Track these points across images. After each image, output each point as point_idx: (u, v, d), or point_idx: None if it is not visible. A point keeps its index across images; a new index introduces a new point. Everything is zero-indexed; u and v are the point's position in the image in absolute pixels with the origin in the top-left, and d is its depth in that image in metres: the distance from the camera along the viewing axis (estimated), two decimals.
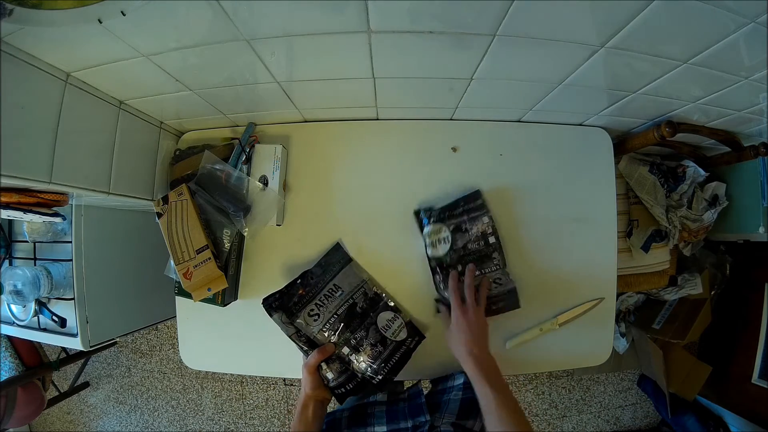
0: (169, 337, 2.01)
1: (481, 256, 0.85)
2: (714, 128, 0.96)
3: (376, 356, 0.76)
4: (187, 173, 0.89)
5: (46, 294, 0.99)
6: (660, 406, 1.79)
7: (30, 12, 0.47)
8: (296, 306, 0.76)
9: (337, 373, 0.74)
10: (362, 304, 0.79)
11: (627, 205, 1.21)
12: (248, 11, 0.54)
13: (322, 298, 0.77)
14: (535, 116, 0.91)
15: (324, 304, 0.76)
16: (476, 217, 0.85)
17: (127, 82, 0.72)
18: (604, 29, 0.58)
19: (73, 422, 2.12)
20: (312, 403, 0.72)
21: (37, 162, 0.62)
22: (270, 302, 0.77)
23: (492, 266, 0.85)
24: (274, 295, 0.77)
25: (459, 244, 0.85)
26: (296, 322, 0.75)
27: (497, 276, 0.85)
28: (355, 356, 0.75)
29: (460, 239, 0.85)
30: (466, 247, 0.85)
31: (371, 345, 0.76)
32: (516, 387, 1.91)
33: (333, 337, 0.75)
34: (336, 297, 0.77)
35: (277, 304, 0.76)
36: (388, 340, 0.77)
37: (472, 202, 0.86)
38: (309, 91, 0.80)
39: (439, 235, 0.85)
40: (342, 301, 0.77)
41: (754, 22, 0.54)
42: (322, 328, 0.75)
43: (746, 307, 1.53)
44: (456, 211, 0.86)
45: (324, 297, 0.77)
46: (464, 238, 0.85)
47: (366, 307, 0.79)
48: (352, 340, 0.76)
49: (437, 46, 0.63)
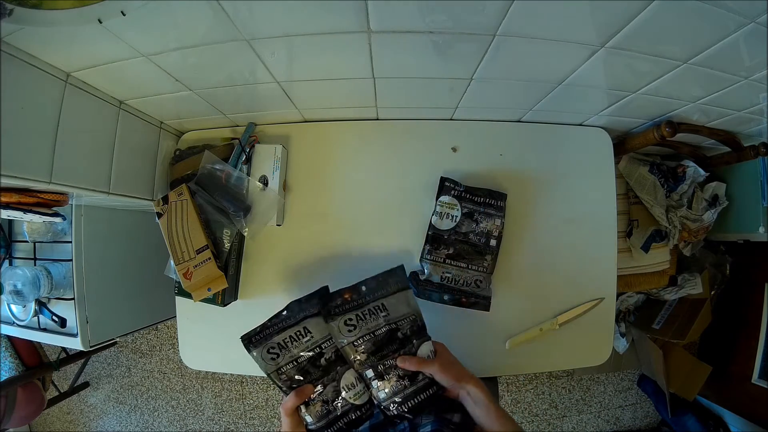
0: (169, 337, 2.01)
1: (474, 252, 0.85)
2: (714, 128, 0.96)
3: (400, 390, 0.68)
4: (187, 173, 0.89)
5: (46, 294, 0.99)
6: (660, 406, 1.79)
7: (30, 12, 0.47)
8: (336, 309, 0.69)
9: (317, 417, 0.67)
10: (406, 331, 0.70)
11: (627, 205, 1.21)
12: (248, 11, 0.54)
13: (366, 312, 0.69)
14: (535, 116, 0.91)
15: (365, 319, 0.69)
16: (491, 215, 0.85)
17: (127, 82, 0.72)
18: (604, 29, 0.58)
19: (73, 422, 2.12)
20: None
21: (37, 162, 0.62)
22: (250, 337, 0.68)
23: (480, 266, 0.85)
24: (255, 330, 0.69)
25: (463, 229, 0.85)
26: (330, 323, 0.68)
27: (480, 278, 0.85)
28: (378, 383, 0.69)
29: (466, 225, 0.85)
30: (467, 235, 0.85)
31: (398, 377, 0.68)
32: (516, 387, 1.91)
33: (360, 355, 0.68)
34: (380, 317, 0.69)
35: (257, 338, 0.68)
36: (420, 376, 0.69)
37: (496, 200, 0.86)
38: (309, 91, 0.80)
39: (451, 210, 0.85)
40: (384, 323, 0.69)
41: (754, 22, 0.54)
42: (354, 341, 0.68)
43: (746, 307, 1.53)
44: (477, 198, 0.86)
45: (369, 312, 0.69)
46: (470, 227, 0.85)
47: (410, 335, 0.70)
48: (379, 366, 0.69)
49: (437, 46, 0.63)
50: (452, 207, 0.85)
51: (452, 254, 0.84)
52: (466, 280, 0.84)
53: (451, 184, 0.87)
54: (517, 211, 0.90)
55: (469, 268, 0.85)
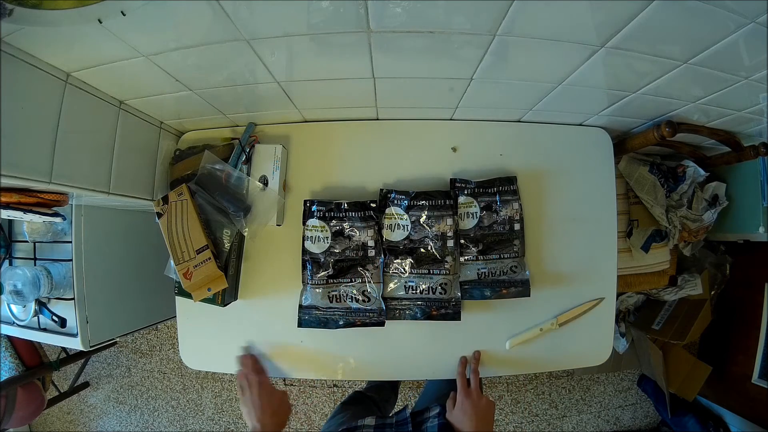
0: (169, 337, 2.01)
1: (502, 240, 0.85)
2: (714, 128, 0.96)
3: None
4: (187, 173, 0.89)
5: (46, 294, 0.99)
6: (660, 406, 1.79)
7: (30, 12, 0.47)
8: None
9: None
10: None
11: (627, 205, 1.21)
12: (248, 11, 0.54)
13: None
14: (535, 116, 0.91)
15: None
16: (508, 201, 0.86)
17: (127, 82, 0.72)
18: (604, 29, 0.58)
19: (73, 422, 2.12)
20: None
21: (37, 162, 0.62)
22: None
23: (511, 252, 0.85)
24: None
25: (485, 222, 0.85)
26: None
27: (514, 264, 0.85)
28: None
29: (488, 218, 0.86)
30: (491, 227, 0.86)
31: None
32: (516, 387, 1.91)
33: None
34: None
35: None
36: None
37: (508, 185, 0.87)
38: (309, 91, 0.80)
39: (468, 208, 0.85)
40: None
41: (754, 22, 0.54)
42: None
43: (746, 307, 1.53)
44: (491, 189, 0.86)
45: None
46: (492, 219, 0.86)
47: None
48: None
49: (437, 46, 0.63)
50: (469, 205, 0.86)
51: (482, 249, 0.85)
52: (502, 269, 0.85)
53: (462, 183, 0.87)
54: None
55: (502, 258, 0.85)
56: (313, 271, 0.85)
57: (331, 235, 0.85)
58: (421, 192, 0.85)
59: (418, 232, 0.85)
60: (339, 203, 0.86)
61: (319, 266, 0.85)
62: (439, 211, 0.84)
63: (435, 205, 0.85)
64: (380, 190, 0.88)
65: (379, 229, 0.86)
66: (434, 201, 0.85)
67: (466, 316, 0.86)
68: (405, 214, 0.85)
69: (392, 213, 0.85)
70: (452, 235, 0.84)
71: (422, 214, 0.84)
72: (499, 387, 1.92)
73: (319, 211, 0.86)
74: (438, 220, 0.84)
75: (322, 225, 0.85)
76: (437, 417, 0.76)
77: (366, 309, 0.84)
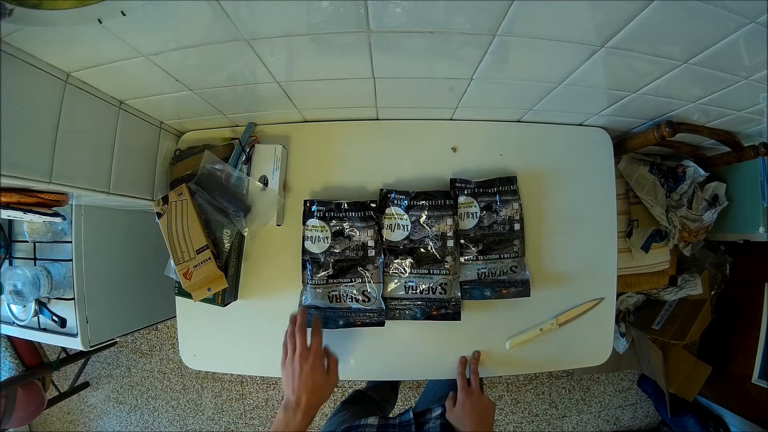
0: (169, 337, 2.01)
1: (502, 240, 0.86)
2: (714, 128, 0.96)
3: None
4: (187, 173, 0.89)
5: (46, 294, 0.99)
6: (660, 406, 1.79)
7: (30, 12, 0.47)
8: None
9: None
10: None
11: (627, 205, 1.21)
12: (248, 11, 0.54)
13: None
14: (535, 116, 0.91)
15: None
16: (508, 201, 0.86)
17: (127, 82, 0.72)
18: (604, 29, 0.58)
19: (73, 422, 2.12)
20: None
21: (37, 162, 0.62)
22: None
23: (511, 252, 0.85)
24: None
25: (485, 222, 0.86)
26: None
27: (514, 264, 0.86)
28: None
29: (488, 218, 0.86)
30: (491, 227, 0.86)
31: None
32: (516, 387, 1.91)
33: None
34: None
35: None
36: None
37: (508, 185, 0.87)
38: (309, 91, 0.80)
39: (468, 208, 0.86)
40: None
41: (754, 22, 0.54)
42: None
43: (746, 307, 1.53)
44: (491, 189, 0.86)
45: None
46: (491, 218, 0.86)
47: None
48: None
49: (437, 46, 0.63)
50: (469, 205, 0.86)
51: (482, 249, 0.85)
52: (502, 269, 0.85)
53: (462, 183, 0.87)
54: None
55: (502, 258, 0.85)
56: (313, 271, 0.85)
57: (331, 235, 0.85)
58: (421, 192, 0.85)
59: (418, 232, 0.85)
60: (339, 203, 0.85)
61: (319, 266, 0.85)
62: (439, 211, 0.84)
63: (435, 205, 0.85)
64: (380, 190, 0.88)
65: (379, 229, 0.85)
66: (434, 201, 0.85)
67: (466, 316, 0.86)
68: (405, 214, 0.85)
69: (392, 213, 0.85)
70: (452, 235, 0.84)
71: (422, 214, 0.84)
72: (499, 387, 1.92)
73: (319, 211, 0.85)
74: (438, 220, 0.84)
75: (322, 225, 0.85)
76: (439, 418, 0.76)
77: (366, 309, 0.84)
